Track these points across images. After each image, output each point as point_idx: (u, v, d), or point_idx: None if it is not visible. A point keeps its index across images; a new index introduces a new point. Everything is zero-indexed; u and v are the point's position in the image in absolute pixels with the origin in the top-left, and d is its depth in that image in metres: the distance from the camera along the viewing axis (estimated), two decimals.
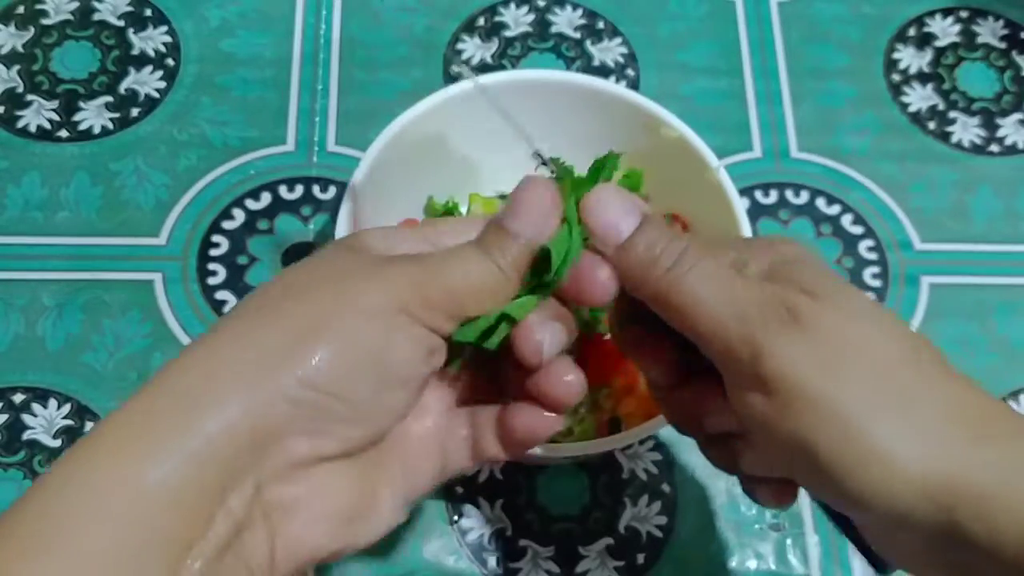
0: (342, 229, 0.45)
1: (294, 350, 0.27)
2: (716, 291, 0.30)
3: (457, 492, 0.50)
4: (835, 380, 0.28)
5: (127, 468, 0.25)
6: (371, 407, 0.29)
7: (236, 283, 0.55)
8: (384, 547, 0.49)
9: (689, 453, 0.52)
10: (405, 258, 0.30)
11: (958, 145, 0.62)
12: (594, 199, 0.32)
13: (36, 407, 0.51)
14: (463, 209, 0.52)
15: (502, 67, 0.62)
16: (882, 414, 0.28)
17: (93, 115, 0.59)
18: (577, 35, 0.64)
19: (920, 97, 0.63)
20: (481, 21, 0.64)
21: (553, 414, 0.32)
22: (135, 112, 0.59)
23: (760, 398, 0.29)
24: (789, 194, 0.60)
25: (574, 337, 0.32)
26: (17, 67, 0.60)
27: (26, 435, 0.50)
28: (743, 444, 0.33)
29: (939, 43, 0.65)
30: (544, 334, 0.31)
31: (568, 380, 0.32)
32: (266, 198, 0.57)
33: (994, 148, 0.62)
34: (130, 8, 0.63)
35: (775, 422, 0.29)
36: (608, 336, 0.46)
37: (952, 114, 0.63)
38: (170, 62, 0.61)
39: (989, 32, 0.66)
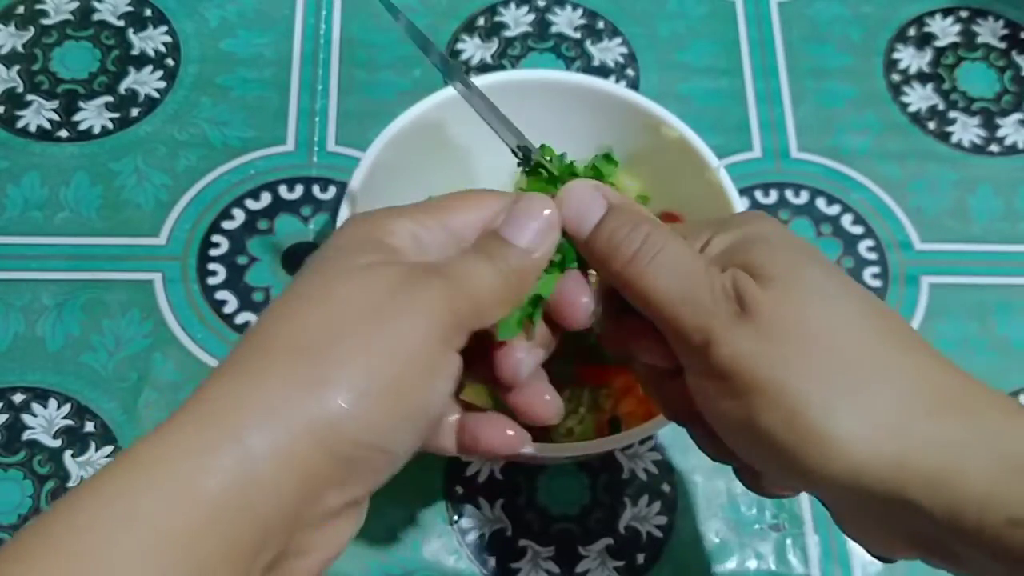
0: None
1: (344, 410, 0.26)
2: (673, 280, 0.31)
3: (457, 492, 0.51)
4: (782, 366, 0.29)
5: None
6: (407, 451, 0.29)
7: (236, 283, 0.55)
8: (384, 547, 0.49)
9: (689, 453, 0.52)
10: (434, 278, 0.29)
11: (958, 145, 0.62)
12: (563, 194, 0.33)
13: (36, 407, 0.51)
14: None
15: (502, 67, 0.63)
16: (828, 396, 0.28)
17: (93, 115, 0.59)
18: (577, 35, 0.64)
19: (920, 97, 0.63)
20: (481, 21, 0.64)
21: (515, 438, 0.33)
22: (135, 112, 0.59)
23: (713, 385, 0.30)
24: (789, 194, 0.60)
25: (550, 352, 0.34)
26: (17, 67, 0.60)
27: (26, 435, 0.50)
28: None
29: (939, 43, 0.65)
30: (524, 354, 0.32)
31: (547, 400, 0.33)
32: (266, 198, 0.57)
33: (994, 148, 0.62)
34: (130, 8, 0.63)
35: (727, 409, 0.30)
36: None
37: (952, 114, 0.63)
38: (170, 62, 0.61)
39: (989, 32, 0.66)
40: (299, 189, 0.58)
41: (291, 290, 0.29)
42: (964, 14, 0.66)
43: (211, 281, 0.55)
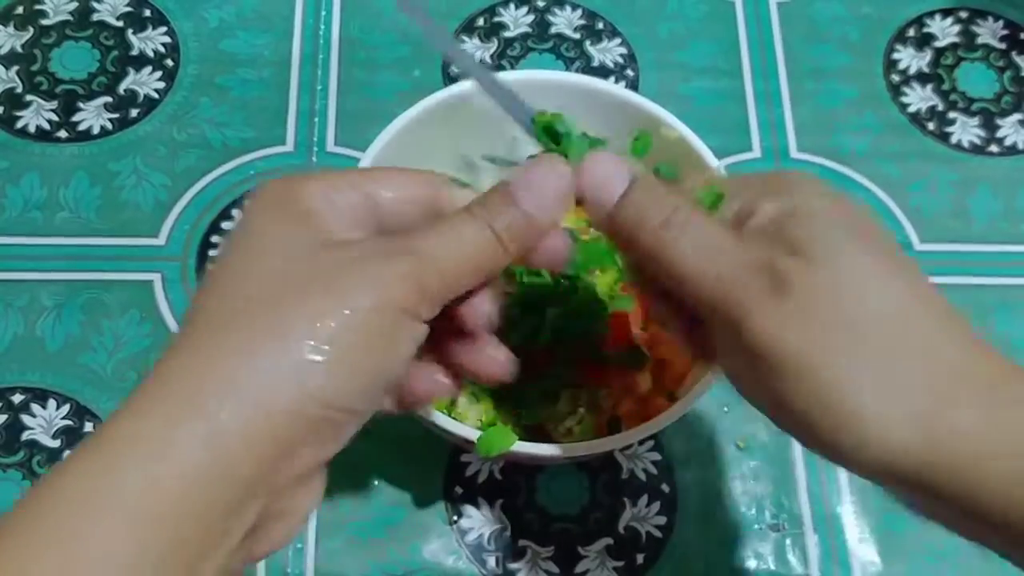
0: None
1: (311, 372, 0.26)
2: (702, 256, 0.30)
3: (457, 492, 0.50)
4: (814, 346, 0.28)
5: (150, 471, 0.24)
6: (371, 411, 0.29)
7: None
8: (384, 547, 0.49)
9: (689, 453, 0.52)
10: (393, 250, 0.28)
11: (958, 145, 0.62)
12: (585, 164, 0.32)
13: (35, 407, 0.51)
14: None
15: (502, 67, 0.62)
16: (861, 379, 0.28)
17: (92, 115, 0.59)
18: (577, 35, 0.64)
19: (920, 97, 0.63)
20: (481, 21, 0.64)
21: (445, 384, 0.33)
22: (134, 112, 0.59)
23: (745, 363, 0.30)
24: None
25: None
26: (16, 67, 0.60)
27: (25, 435, 0.50)
28: None
29: (939, 43, 0.65)
30: (490, 306, 0.31)
31: (501, 360, 0.33)
32: None
33: (994, 148, 0.62)
34: (129, 8, 0.63)
35: (759, 389, 0.30)
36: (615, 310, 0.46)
37: (952, 114, 0.63)
38: (169, 62, 0.61)
39: (989, 32, 0.66)
40: None
41: (229, 262, 0.28)
42: (964, 14, 0.66)
43: None
